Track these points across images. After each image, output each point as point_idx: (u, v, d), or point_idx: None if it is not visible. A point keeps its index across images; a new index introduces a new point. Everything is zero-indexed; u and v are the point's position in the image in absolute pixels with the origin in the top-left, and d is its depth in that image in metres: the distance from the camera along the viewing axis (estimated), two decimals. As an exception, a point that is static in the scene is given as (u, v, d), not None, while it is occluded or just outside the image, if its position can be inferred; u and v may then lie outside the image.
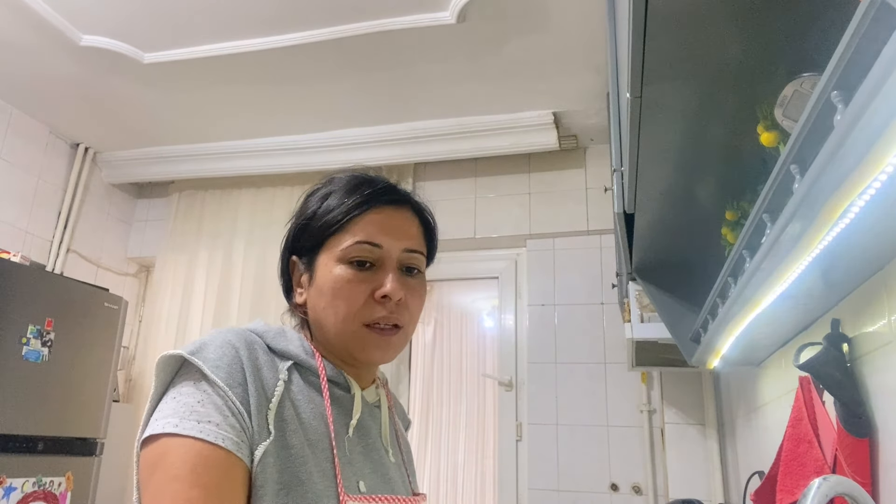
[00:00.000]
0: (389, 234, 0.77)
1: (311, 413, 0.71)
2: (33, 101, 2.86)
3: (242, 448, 0.63)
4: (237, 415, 0.64)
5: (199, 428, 0.62)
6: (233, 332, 0.71)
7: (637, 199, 1.23)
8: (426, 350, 4.59)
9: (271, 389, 0.69)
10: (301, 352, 0.75)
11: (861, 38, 0.48)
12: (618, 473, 2.53)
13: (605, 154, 2.90)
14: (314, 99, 2.73)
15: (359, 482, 0.72)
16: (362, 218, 0.77)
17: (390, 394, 0.90)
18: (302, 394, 0.72)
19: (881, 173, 0.57)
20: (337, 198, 0.78)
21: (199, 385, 0.65)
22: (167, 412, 0.64)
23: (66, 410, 2.37)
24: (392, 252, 0.77)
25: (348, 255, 0.75)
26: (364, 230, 0.76)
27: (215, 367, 0.66)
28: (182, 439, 0.62)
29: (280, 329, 0.78)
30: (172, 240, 3.34)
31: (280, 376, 0.71)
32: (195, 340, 0.69)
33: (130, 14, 2.26)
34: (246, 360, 0.68)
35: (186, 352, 0.67)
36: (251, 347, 0.70)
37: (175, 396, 0.65)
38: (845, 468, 0.92)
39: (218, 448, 0.62)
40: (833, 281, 0.95)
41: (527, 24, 2.19)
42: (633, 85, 0.88)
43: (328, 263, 0.76)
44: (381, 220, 0.77)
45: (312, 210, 0.80)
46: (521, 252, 2.98)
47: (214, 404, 0.64)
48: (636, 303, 1.84)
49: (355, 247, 0.75)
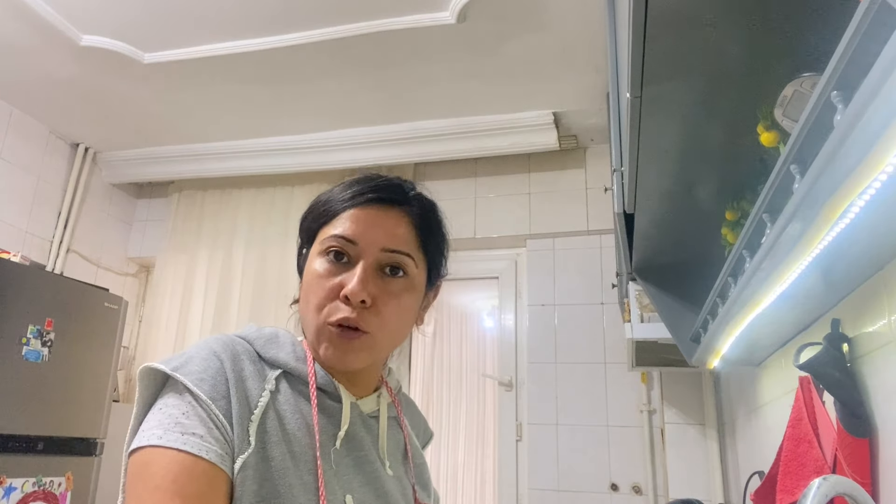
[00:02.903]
0: (369, 232, 0.74)
1: (296, 424, 0.69)
2: (33, 101, 2.86)
3: (226, 460, 0.63)
4: (220, 427, 0.64)
5: (183, 440, 0.62)
6: (220, 341, 0.71)
7: (637, 199, 1.23)
8: (426, 350, 4.59)
9: (255, 400, 0.68)
10: (291, 358, 0.74)
11: (861, 38, 0.48)
12: (618, 473, 2.53)
13: (605, 154, 2.90)
14: (314, 99, 2.73)
15: (346, 496, 0.70)
16: (346, 213, 0.76)
17: (400, 404, 0.86)
18: (288, 404, 0.71)
19: (881, 173, 0.57)
20: (337, 191, 0.79)
21: (184, 397, 0.65)
22: (153, 423, 0.64)
23: (66, 410, 2.37)
24: (368, 250, 0.74)
25: (324, 248, 0.75)
26: (343, 224, 0.75)
27: (199, 381, 0.66)
28: (165, 451, 0.62)
29: (273, 334, 0.76)
30: (172, 240, 3.34)
31: (266, 386, 0.70)
32: (181, 353, 0.69)
33: (130, 14, 2.26)
34: (230, 372, 0.68)
35: (170, 368, 0.67)
36: (236, 358, 0.70)
37: (161, 408, 0.66)
38: (845, 468, 0.92)
39: (201, 460, 0.62)
40: (833, 281, 0.95)
41: (527, 24, 2.19)
42: (633, 85, 0.88)
43: (311, 257, 0.77)
44: (363, 217, 0.75)
45: (313, 204, 0.81)
46: (521, 252, 2.98)
47: (199, 417, 0.64)
48: (636, 303, 1.84)
49: (330, 239, 0.75)
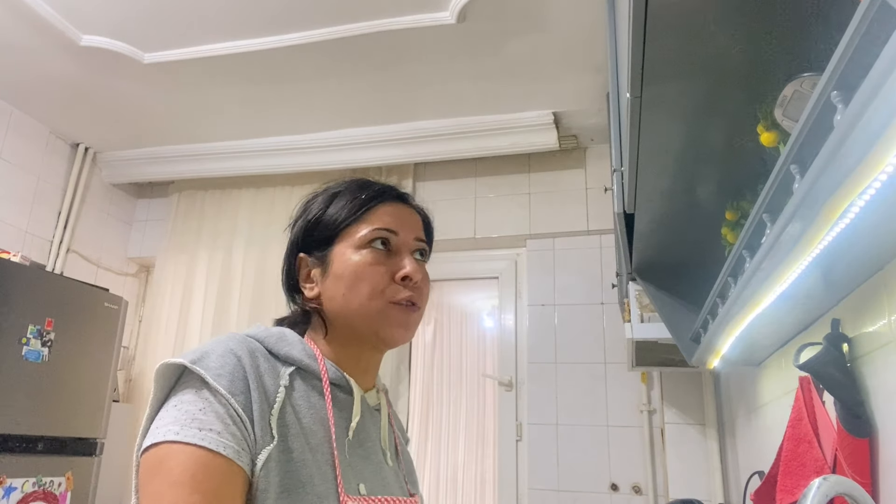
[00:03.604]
0: (403, 224, 0.83)
1: (311, 418, 0.72)
2: (33, 101, 2.86)
3: (243, 456, 0.64)
4: (239, 423, 0.65)
5: (201, 436, 0.63)
6: (234, 339, 0.72)
7: (637, 199, 1.24)
8: (426, 350, 4.58)
9: (273, 395, 0.70)
10: (304, 356, 0.76)
11: (861, 38, 0.48)
12: (618, 473, 2.53)
13: (605, 154, 2.90)
14: (314, 99, 2.73)
15: (359, 485, 0.73)
16: (376, 209, 0.83)
17: (390, 405, 0.91)
18: (303, 399, 0.73)
19: (881, 173, 0.57)
20: (347, 195, 0.84)
21: (201, 393, 0.66)
22: (168, 420, 0.65)
23: (66, 410, 2.37)
24: (407, 239, 0.83)
25: (368, 240, 0.80)
26: (380, 219, 0.82)
27: (217, 376, 0.66)
28: (183, 446, 0.62)
29: (280, 333, 0.79)
30: (172, 240, 3.34)
31: (281, 382, 0.72)
32: (196, 348, 0.70)
33: (130, 14, 2.26)
34: (248, 368, 0.69)
35: (188, 360, 0.67)
36: (253, 355, 0.71)
37: (176, 404, 0.66)
38: (845, 468, 0.92)
39: (218, 456, 0.62)
40: (833, 281, 0.95)
41: (527, 24, 2.19)
42: (633, 85, 0.88)
43: (345, 252, 0.80)
44: (393, 212, 0.84)
45: (321, 208, 0.84)
46: (521, 252, 2.98)
47: (216, 412, 0.65)
48: (636, 303, 1.84)
49: (375, 232, 0.81)
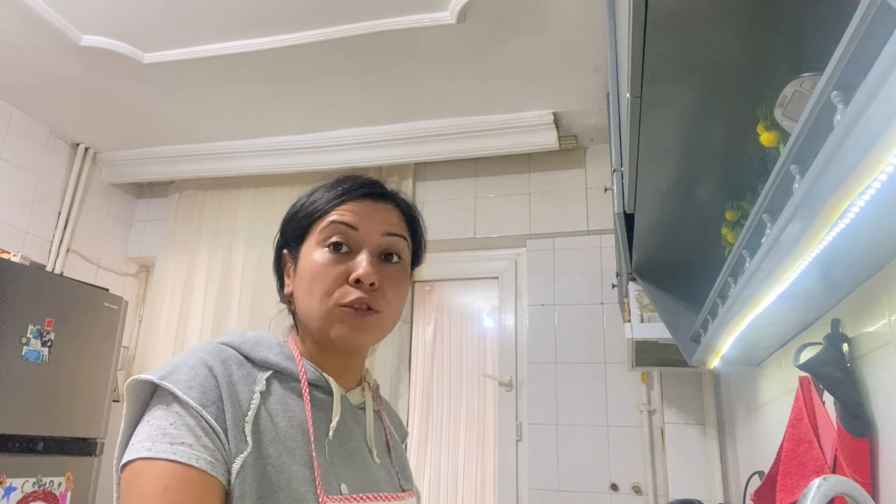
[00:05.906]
0: (366, 219, 0.79)
1: (288, 421, 0.71)
2: (33, 101, 2.86)
3: (217, 467, 0.64)
4: (211, 434, 0.65)
5: (173, 450, 0.63)
6: (206, 349, 0.72)
7: (637, 199, 1.24)
8: (426, 350, 4.58)
9: (247, 403, 0.69)
10: (281, 358, 0.76)
11: (861, 38, 0.48)
12: (618, 473, 2.53)
13: (605, 154, 2.90)
14: (314, 99, 2.73)
15: (340, 484, 0.72)
16: (343, 205, 0.80)
17: (381, 401, 0.91)
18: (279, 403, 0.72)
19: (881, 173, 0.57)
20: (322, 191, 0.82)
21: (172, 407, 0.66)
22: (142, 436, 0.65)
23: (66, 410, 2.37)
24: (369, 236, 0.79)
25: (325, 237, 0.78)
26: (341, 214, 0.79)
27: (188, 388, 0.66)
28: (155, 462, 0.62)
29: (257, 337, 0.78)
30: (172, 240, 3.34)
31: (256, 388, 0.72)
32: (168, 362, 0.70)
33: (130, 14, 2.26)
34: (221, 377, 0.69)
35: (157, 377, 0.67)
36: (226, 363, 0.71)
37: (149, 419, 0.66)
38: (845, 468, 0.93)
39: (191, 468, 0.62)
40: (833, 281, 0.95)
41: (527, 24, 2.19)
42: (633, 85, 0.88)
43: (309, 250, 0.79)
44: (360, 208, 0.80)
45: (300, 203, 0.83)
46: (521, 252, 2.98)
47: (187, 425, 0.64)
48: (636, 303, 1.84)
49: (331, 227, 0.78)
